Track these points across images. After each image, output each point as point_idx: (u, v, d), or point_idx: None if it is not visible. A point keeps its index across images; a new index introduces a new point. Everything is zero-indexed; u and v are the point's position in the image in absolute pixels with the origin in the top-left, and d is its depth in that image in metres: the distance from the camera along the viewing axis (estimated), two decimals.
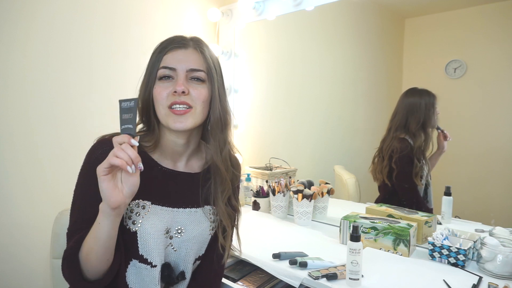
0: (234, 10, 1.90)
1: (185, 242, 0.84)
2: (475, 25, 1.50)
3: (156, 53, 0.83)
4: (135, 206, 0.79)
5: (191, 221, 0.85)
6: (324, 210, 1.61)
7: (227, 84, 1.97)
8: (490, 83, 1.47)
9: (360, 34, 1.90)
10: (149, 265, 0.78)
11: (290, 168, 1.95)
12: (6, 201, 1.30)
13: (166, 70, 0.80)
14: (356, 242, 0.95)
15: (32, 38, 1.33)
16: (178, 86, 0.78)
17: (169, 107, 0.79)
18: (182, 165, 0.89)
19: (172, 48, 0.82)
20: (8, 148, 1.29)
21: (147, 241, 0.78)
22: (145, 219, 0.78)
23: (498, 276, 1.01)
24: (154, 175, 0.83)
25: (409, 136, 1.50)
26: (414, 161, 1.47)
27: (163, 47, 0.83)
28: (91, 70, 1.48)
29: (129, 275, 0.78)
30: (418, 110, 1.49)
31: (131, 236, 0.77)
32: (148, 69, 0.84)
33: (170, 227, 0.82)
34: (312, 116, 2.07)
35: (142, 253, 0.78)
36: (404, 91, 1.55)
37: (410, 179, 1.50)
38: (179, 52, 0.81)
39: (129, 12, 1.60)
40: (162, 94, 0.79)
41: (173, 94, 0.79)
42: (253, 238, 1.36)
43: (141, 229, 0.77)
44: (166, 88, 0.79)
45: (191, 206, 0.86)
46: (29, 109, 1.34)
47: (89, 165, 0.78)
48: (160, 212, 0.81)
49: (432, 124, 1.48)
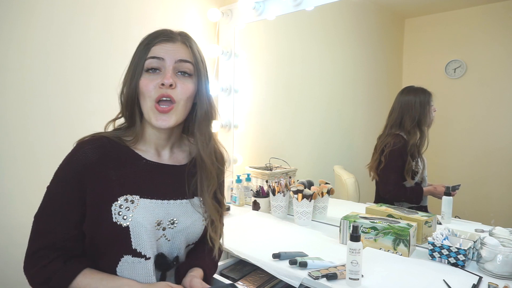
0: (234, 10, 1.90)
1: (178, 233, 0.84)
2: (475, 25, 1.50)
3: (144, 45, 0.82)
4: (124, 202, 0.78)
5: (183, 212, 0.85)
6: (324, 210, 1.61)
7: (227, 84, 1.97)
8: (490, 83, 1.47)
9: (360, 34, 1.90)
10: (143, 258, 0.78)
11: (290, 168, 1.95)
12: (5, 202, 1.30)
13: (154, 60, 0.79)
14: (356, 242, 0.95)
15: (31, 37, 1.32)
16: (166, 78, 0.78)
17: (155, 101, 0.79)
18: (166, 157, 0.88)
19: (161, 40, 0.81)
20: (6, 148, 1.29)
21: (140, 234, 0.77)
22: (136, 213, 0.78)
23: (498, 276, 1.01)
24: (140, 169, 0.83)
25: (404, 133, 1.51)
26: (407, 157, 1.48)
27: (151, 39, 0.82)
28: (90, 70, 1.48)
29: (121, 271, 0.78)
30: (413, 108, 1.50)
31: (123, 231, 0.76)
32: (134, 61, 0.83)
33: (162, 219, 0.82)
34: (312, 116, 2.08)
35: (135, 247, 0.77)
36: (401, 89, 1.56)
37: (395, 174, 1.51)
38: (168, 44, 0.81)
39: (129, 12, 1.60)
40: (149, 87, 0.78)
41: (160, 87, 0.78)
42: (253, 238, 1.36)
43: (132, 223, 0.77)
44: (153, 80, 0.79)
45: (181, 197, 0.86)
46: (27, 109, 1.34)
47: (69, 167, 0.79)
48: (149, 205, 0.80)
49: (428, 122, 1.49)
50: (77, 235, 0.79)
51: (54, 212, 0.78)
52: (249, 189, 1.86)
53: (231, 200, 1.88)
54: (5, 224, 1.29)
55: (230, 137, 1.99)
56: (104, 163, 0.79)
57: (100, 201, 0.77)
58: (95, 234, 0.78)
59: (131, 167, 0.82)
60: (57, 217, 0.78)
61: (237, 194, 1.84)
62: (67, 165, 0.80)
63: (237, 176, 1.84)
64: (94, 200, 0.77)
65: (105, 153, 0.80)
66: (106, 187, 0.78)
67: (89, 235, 0.79)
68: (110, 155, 0.81)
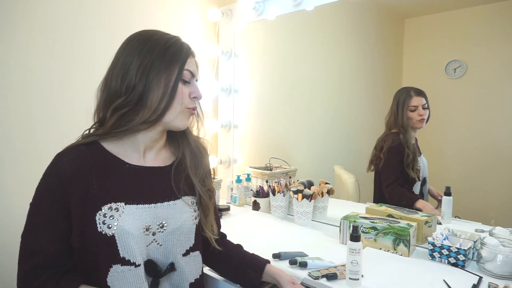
0: (234, 10, 1.90)
1: (169, 235, 0.83)
2: (475, 25, 1.50)
3: (176, 54, 0.83)
4: (108, 210, 0.76)
5: (172, 213, 0.84)
6: (324, 210, 1.61)
7: (227, 84, 1.98)
8: (490, 83, 1.47)
9: (360, 34, 1.90)
10: (133, 265, 0.76)
11: (290, 168, 1.95)
12: (6, 201, 1.30)
13: (188, 73, 0.85)
14: (356, 242, 0.95)
15: (33, 38, 1.33)
16: (199, 92, 0.88)
17: (187, 107, 0.86)
18: (150, 159, 0.88)
19: (190, 54, 0.86)
20: (8, 147, 1.29)
21: (127, 242, 0.76)
22: (120, 220, 0.76)
23: (498, 276, 1.01)
24: (124, 174, 0.82)
25: (400, 131, 1.53)
26: (405, 151, 1.50)
27: (186, 52, 0.85)
28: (92, 70, 1.48)
29: (111, 282, 0.76)
30: (393, 109, 1.56)
31: (109, 241, 0.75)
32: (164, 63, 0.81)
33: (151, 223, 0.81)
34: (312, 116, 2.07)
35: (123, 255, 0.76)
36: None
37: (394, 171, 1.52)
38: (193, 61, 0.88)
39: (130, 12, 1.60)
40: (186, 95, 0.85)
41: (192, 99, 0.87)
42: (253, 238, 1.36)
43: (118, 232, 0.75)
44: (188, 90, 0.86)
45: (169, 199, 0.85)
46: (30, 108, 1.34)
47: (50, 181, 0.78)
48: (136, 211, 0.79)
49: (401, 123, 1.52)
50: (66, 249, 0.78)
51: (40, 229, 0.77)
52: (249, 189, 1.86)
53: (231, 200, 1.88)
54: (6, 223, 1.29)
55: (230, 137, 1.99)
56: (84, 172, 0.78)
57: (83, 211, 0.76)
58: (82, 245, 0.77)
59: (113, 174, 0.81)
60: (44, 234, 0.77)
61: (237, 194, 1.84)
62: (47, 180, 0.79)
63: (237, 176, 1.84)
64: (78, 211, 0.76)
65: (85, 162, 0.79)
66: (89, 196, 0.77)
67: (76, 246, 0.78)
68: (91, 163, 0.80)
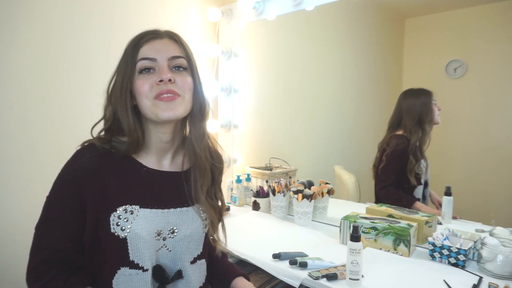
0: (234, 10, 1.90)
1: (179, 242, 0.82)
2: (475, 25, 1.50)
3: (130, 48, 0.78)
4: (122, 212, 0.76)
5: (184, 220, 0.83)
6: (324, 210, 1.61)
7: (227, 84, 1.97)
8: (490, 83, 1.47)
9: (360, 34, 1.90)
10: (141, 269, 0.76)
11: (290, 168, 1.95)
12: (6, 202, 1.30)
13: (146, 61, 0.76)
14: (356, 242, 0.95)
15: (31, 38, 1.32)
16: (163, 74, 0.75)
17: (155, 97, 0.75)
18: (167, 163, 0.86)
19: (148, 39, 0.78)
20: (8, 148, 1.29)
21: (138, 246, 0.75)
22: (134, 224, 0.76)
23: (498, 276, 1.01)
24: (141, 177, 0.81)
25: (406, 133, 1.52)
26: (409, 157, 1.48)
27: (137, 40, 0.79)
28: (90, 70, 1.48)
29: (117, 284, 0.76)
30: (414, 109, 1.51)
31: (120, 243, 0.75)
32: (121, 67, 0.78)
33: (162, 228, 0.80)
34: (312, 116, 2.07)
35: (133, 259, 0.75)
36: (401, 93, 1.56)
37: (393, 175, 1.52)
38: (156, 42, 0.78)
39: (129, 12, 1.60)
40: (145, 86, 0.75)
41: (158, 84, 0.75)
42: (253, 238, 1.36)
43: (130, 235, 0.75)
44: (149, 79, 0.76)
45: (182, 205, 0.84)
46: (29, 108, 1.33)
47: (68, 176, 0.77)
48: (149, 216, 0.78)
49: (430, 119, 1.49)
50: (78, 245, 0.78)
51: (55, 223, 0.77)
52: (249, 189, 1.85)
53: (231, 200, 1.88)
54: (6, 224, 1.29)
55: (230, 137, 1.99)
56: (103, 171, 0.77)
57: (98, 210, 0.76)
58: (93, 244, 0.77)
59: (131, 176, 0.80)
60: (58, 229, 0.76)
61: (237, 194, 1.84)
62: (66, 174, 0.78)
63: (237, 176, 1.84)
64: (93, 209, 0.76)
65: (104, 161, 0.78)
66: (105, 196, 0.76)
67: (87, 245, 0.78)
68: (110, 163, 0.78)
